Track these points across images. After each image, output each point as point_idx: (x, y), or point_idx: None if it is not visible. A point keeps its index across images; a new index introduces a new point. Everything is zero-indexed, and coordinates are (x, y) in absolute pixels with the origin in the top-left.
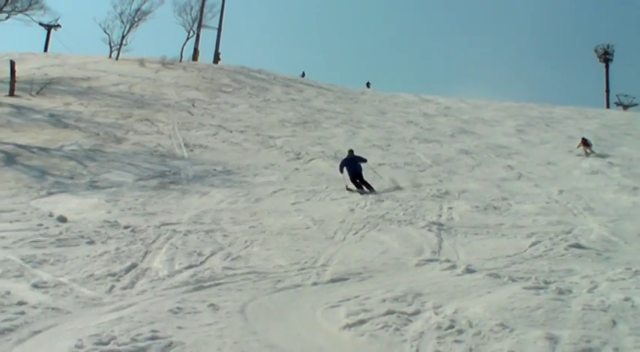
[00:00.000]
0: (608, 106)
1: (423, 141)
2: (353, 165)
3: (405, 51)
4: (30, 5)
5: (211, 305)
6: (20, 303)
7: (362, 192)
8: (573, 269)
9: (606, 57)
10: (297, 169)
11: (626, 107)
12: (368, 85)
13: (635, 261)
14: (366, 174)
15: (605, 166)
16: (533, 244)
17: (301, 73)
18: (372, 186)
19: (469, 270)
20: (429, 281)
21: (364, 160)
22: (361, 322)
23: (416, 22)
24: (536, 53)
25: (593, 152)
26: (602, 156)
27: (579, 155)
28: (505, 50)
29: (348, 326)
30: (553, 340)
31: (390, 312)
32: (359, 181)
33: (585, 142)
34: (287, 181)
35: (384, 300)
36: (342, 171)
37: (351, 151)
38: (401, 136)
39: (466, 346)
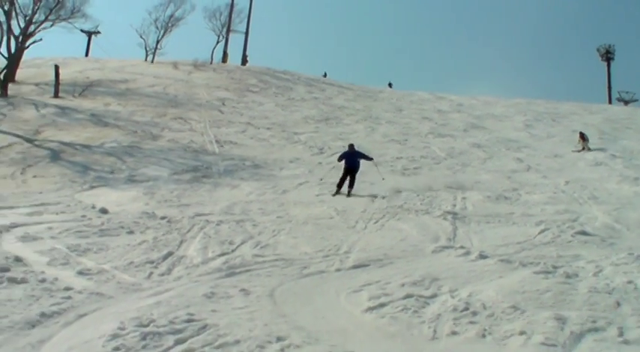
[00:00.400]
0: (610, 102)
1: (438, 135)
2: (352, 159)
3: (420, 52)
4: (72, 14)
5: (242, 290)
6: (67, 289)
7: (338, 192)
8: (579, 255)
9: (608, 56)
10: (320, 163)
11: (627, 103)
12: (390, 85)
13: (637, 246)
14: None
15: (607, 158)
16: (542, 231)
17: (323, 74)
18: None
19: (482, 256)
20: (445, 266)
21: (368, 158)
22: (382, 305)
23: (431, 26)
24: (542, 53)
25: (589, 149)
26: (599, 150)
27: (578, 150)
28: (514, 51)
29: (370, 309)
30: (561, 320)
31: (409, 296)
32: (349, 177)
33: (583, 137)
34: (311, 174)
35: (403, 285)
36: (340, 160)
37: (351, 146)
38: (417, 131)
39: (480, 327)
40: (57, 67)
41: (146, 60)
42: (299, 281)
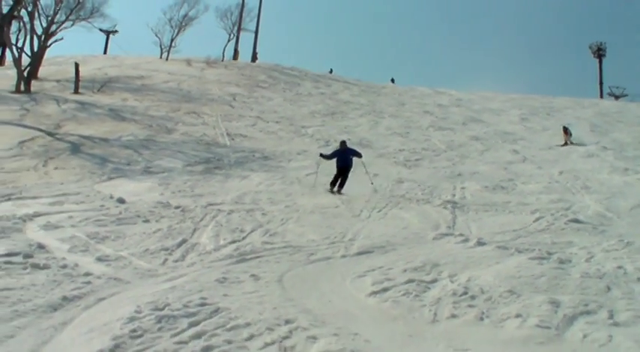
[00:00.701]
0: (601, 97)
1: (438, 129)
2: (344, 157)
3: (422, 50)
4: (92, 14)
5: (253, 275)
6: (87, 274)
7: (332, 191)
8: (572, 242)
9: (599, 53)
10: None
11: (617, 97)
12: (392, 80)
13: (627, 233)
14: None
15: (599, 150)
16: (537, 219)
17: (329, 70)
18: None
19: (480, 243)
20: (445, 253)
21: (359, 155)
22: (385, 289)
23: (432, 25)
24: (537, 51)
25: (571, 142)
26: (580, 144)
27: (561, 144)
28: (511, 49)
29: (374, 293)
30: (555, 304)
31: (410, 281)
32: (342, 176)
33: (566, 131)
34: (318, 166)
35: (405, 270)
36: (326, 157)
37: (343, 143)
38: (418, 125)
39: (478, 310)
40: (77, 65)
41: (161, 57)
42: (306, 267)
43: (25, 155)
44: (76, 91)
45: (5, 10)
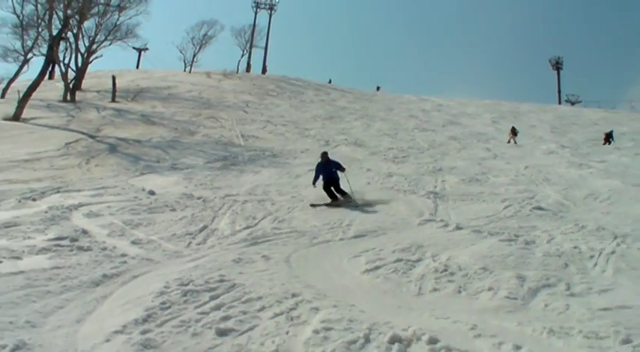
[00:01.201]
0: (560, 103)
1: (422, 130)
2: (327, 170)
3: (407, 62)
4: (126, 35)
5: (264, 256)
6: (123, 255)
7: (335, 204)
8: (536, 226)
9: (558, 65)
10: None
11: (573, 103)
12: (378, 88)
13: (582, 218)
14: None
15: (558, 148)
16: (506, 207)
17: (328, 80)
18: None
19: (458, 227)
20: (428, 236)
21: (342, 168)
22: (377, 268)
23: (417, 39)
24: (505, 63)
25: (515, 142)
26: (519, 146)
27: (507, 142)
28: (483, 61)
29: (367, 271)
30: (521, 278)
31: (398, 260)
32: (333, 189)
33: (513, 131)
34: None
35: (394, 251)
36: (315, 180)
37: (324, 154)
38: (405, 127)
39: (457, 284)
40: (114, 77)
41: (185, 70)
42: (310, 248)
43: (70, 154)
44: (113, 100)
45: (55, 32)
